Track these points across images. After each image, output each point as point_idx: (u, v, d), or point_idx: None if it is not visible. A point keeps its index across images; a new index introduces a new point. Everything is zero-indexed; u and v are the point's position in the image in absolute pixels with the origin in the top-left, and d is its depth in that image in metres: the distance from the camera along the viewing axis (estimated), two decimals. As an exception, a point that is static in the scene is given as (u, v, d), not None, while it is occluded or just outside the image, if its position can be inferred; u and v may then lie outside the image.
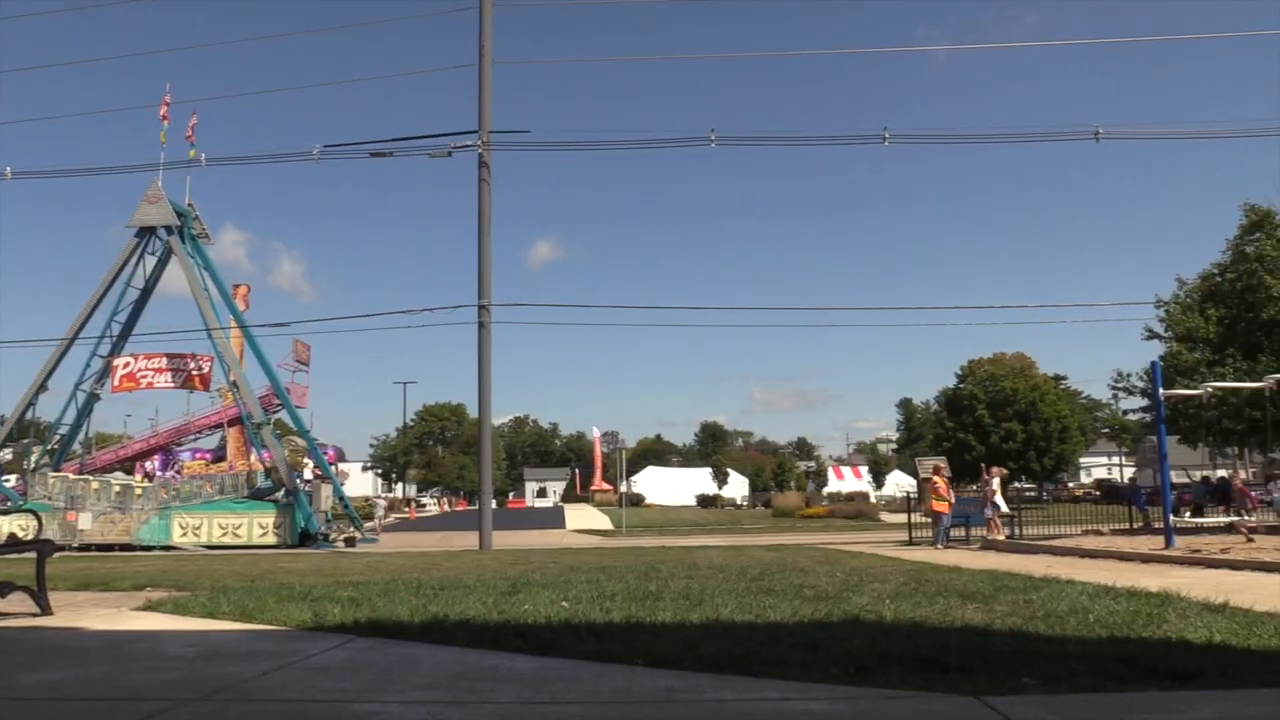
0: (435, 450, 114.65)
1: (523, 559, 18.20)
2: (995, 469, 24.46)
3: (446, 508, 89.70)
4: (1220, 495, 26.10)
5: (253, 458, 37.69)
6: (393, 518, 61.87)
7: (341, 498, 38.97)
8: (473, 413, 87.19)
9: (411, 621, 7.47)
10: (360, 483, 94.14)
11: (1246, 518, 16.21)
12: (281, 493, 34.26)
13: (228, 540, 32.40)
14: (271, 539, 32.55)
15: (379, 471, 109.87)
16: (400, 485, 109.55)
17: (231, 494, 35.18)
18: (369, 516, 45.85)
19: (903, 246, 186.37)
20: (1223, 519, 20.06)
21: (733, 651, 5.77)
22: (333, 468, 43.04)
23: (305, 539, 32.40)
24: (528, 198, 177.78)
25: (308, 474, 37.19)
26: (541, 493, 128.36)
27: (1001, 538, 21.63)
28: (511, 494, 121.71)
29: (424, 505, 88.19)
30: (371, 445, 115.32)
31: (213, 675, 5.42)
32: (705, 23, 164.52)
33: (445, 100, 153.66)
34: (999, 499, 22.78)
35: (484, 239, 27.10)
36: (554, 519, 55.89)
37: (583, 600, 9.02)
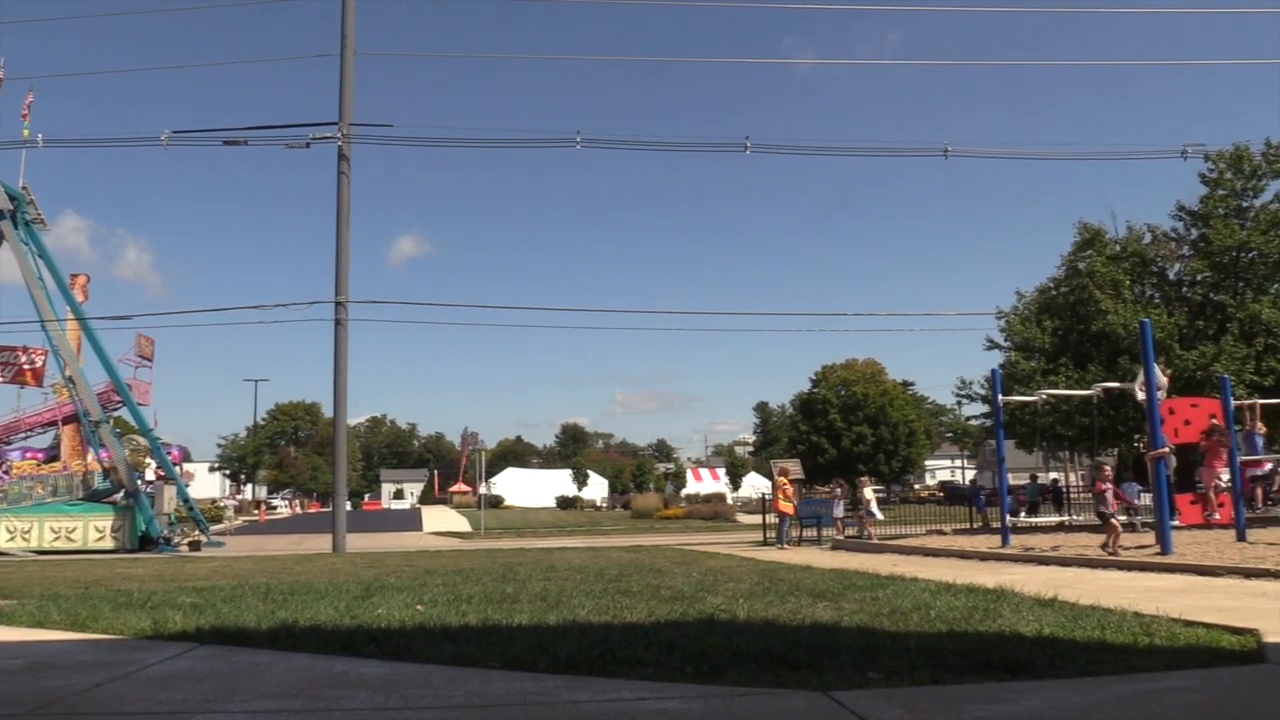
0: (288, 450, 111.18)
1: (378, 562, 17.86)
2: (865, 479, 25.43)
3: (299, 510, 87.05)
4: (1054, 496, 27.57)
5: (90, 458, 35.70)
6: (241, 520, 59.66)
7: (186, 500, 37.24)
8: (328, 412, 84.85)
9: (258, 628, 7.23)
10: (207, 484, 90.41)
11: (1122, 517, 17.08)
12: (121, 495, 32.55)
13: (61, 545, 30.56)
14: (109, 543, 30.86)
15: (227, 472, 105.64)
16: (250, 487, 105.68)
17: (66, 496, 33.24)
18: (216, 519, 44.09)
19: (762, 253, 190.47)
20: (1054, 518, 21.21)
21: (589, 652, 5.80)
22: (177, 468, 41.17)
23: (146, 543, 30.87)
24: (391, 192, 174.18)
25: (150, 475, 35.44)
26: (399, 494, 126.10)
27: (874, 538, 22.37)
28: (367, 496, 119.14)
29: (275, 507, 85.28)
30: (219, 445, 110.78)
31: (40, 689, 5.12)
32: (580, 22, 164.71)
33: (306, 90, 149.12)
34: (874, 505, 23.61)
35: (342, 234, 26.44)
36: (411, 521, 54.87)
37: (438, 603, 8.91)
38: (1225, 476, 16.17)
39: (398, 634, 6.88)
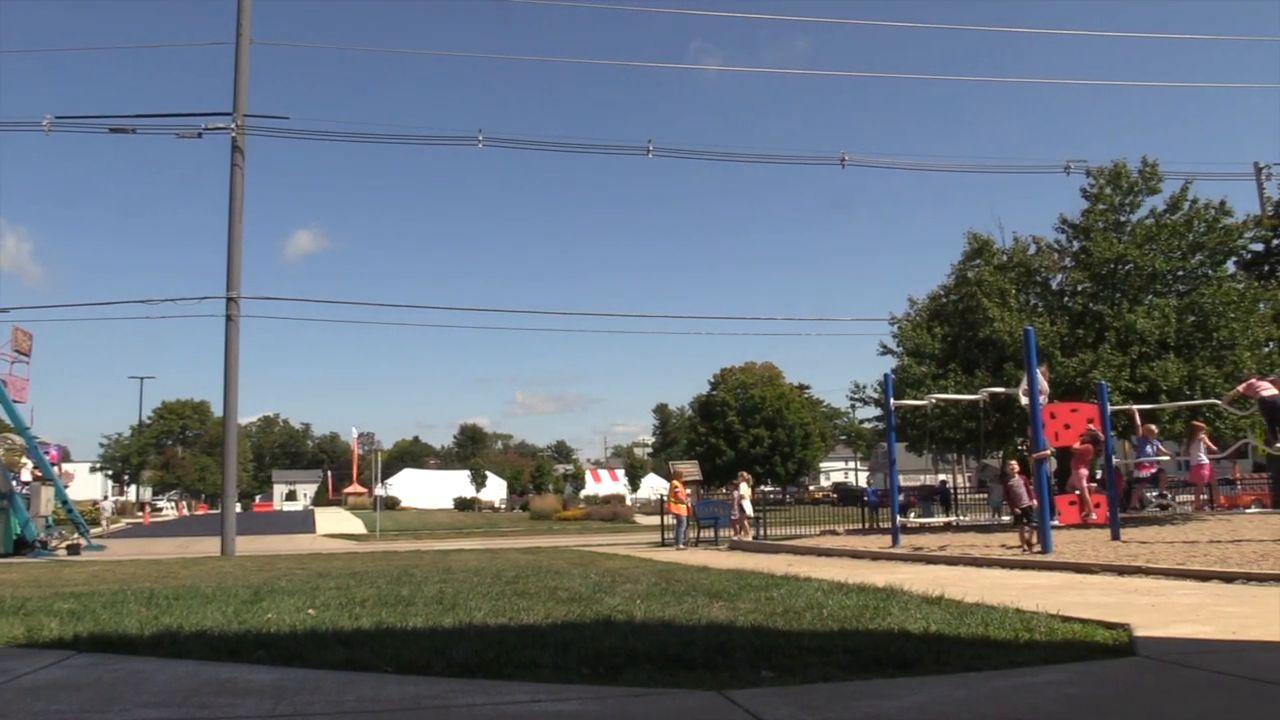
0: (175, 450, 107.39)
1: (268, 565, 17.43)
2: (741, 475, 25.71)
3: (186, 512, 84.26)
4: (943, 497, 28.35)
5: (-42, 458, 33.95)
6: (124, 523, 57.48)
7: (65, 501, 35.66)
8: (217, 411, 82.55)
9: (141, 634, 6.98)
10: (88, 485, 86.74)
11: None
12: (-7, 496, 31.04)
13: (-74, 550, 29.02)
14: (-21, 548, 29.41)
15: (110, 473, 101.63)
16: (134, 488, 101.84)
17: (-68, 498, 31.54)
18: (96, 522, 42.35)
19: (664, 255, 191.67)
20: (941, 519, 21.84)
21: (485, 655, 5.76)
22: (56, 468, 39.41)
23: (21, 547, 29.46)
24: (289, 187, 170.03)
25: (26, 475, 33.87)
26: (291, 496, 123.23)
27: (749, 538, 22.66)
28: (259, 497, 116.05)
29: (160, 509, 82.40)
30: (102, 445, 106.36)
31: (-98, 700, 4.86)
32: (489, 22, 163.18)
33: (199, 79, 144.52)
34: (746, 503, 23.88)
35: (235, 227, 25.70)
36: (304, 523, 53.64)
37: (331, 607, 8.73)
38: (1088, 478, 16.94)
39: (288, 639, 6.72)
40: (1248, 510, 21.30)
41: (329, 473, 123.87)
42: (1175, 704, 4.40)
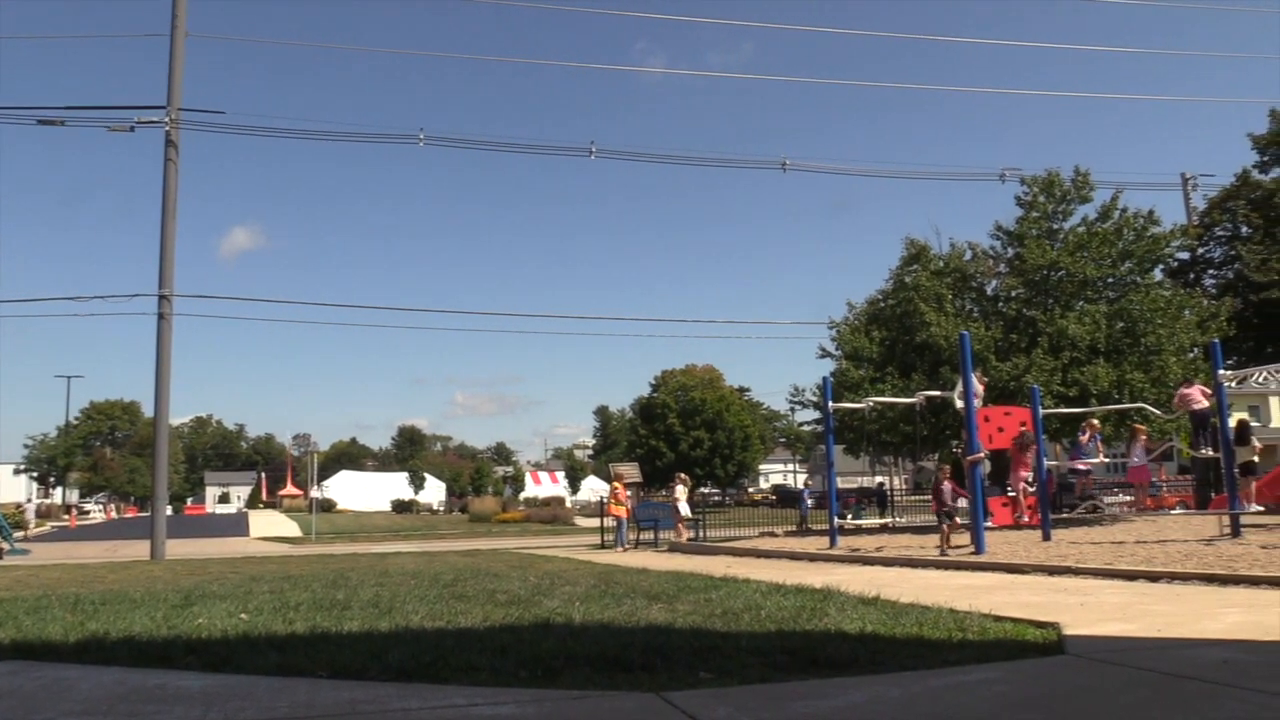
0: (103, 452, 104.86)
1: (200, 569, 17.10)
2: (678, 476, 25.82)
3: (114, 515, 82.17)
4: (879, 498, 28.72)
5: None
6: (49, 526, 55.91)
7: (-14, 505, 34.75)
8: (148, 411, 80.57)
9: (65, 641, 6.80)
10: (12, 487, 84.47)
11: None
12: (-91, 499, 30.10)
13: None
14: (-104, 552, 28.45)
15: (34, 475, 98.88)
16: (60, 490, 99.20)
17: None
18: (20, 525, 41.14)
19: (605, 257, 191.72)
20: (878, 519, 22.11)
21: (421, 659, 5.70)
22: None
23: (-62, 552, 28.61)
24: (225, 183, 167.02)
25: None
26: (224, 498, 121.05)
27: (685, 539, 22.75)
28: (190, 499, 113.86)
29: (87, 512, 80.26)
30: (27, 446, 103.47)
31: None
32: (434, 19, 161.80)
33: (133, 71, 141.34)
34: (683, 505, 23.97)
35: (168, 223, 25.17)
36: (237, 526, 52.62)
37: (264, 611, 8.59)
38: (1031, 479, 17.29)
39: (219, 644, 6.59)
40: (1173, 511, 21.89)
41: (263, 475, 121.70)
42: (1101, 700, 4.50)
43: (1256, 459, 16.63)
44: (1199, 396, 16.35)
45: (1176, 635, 6.34)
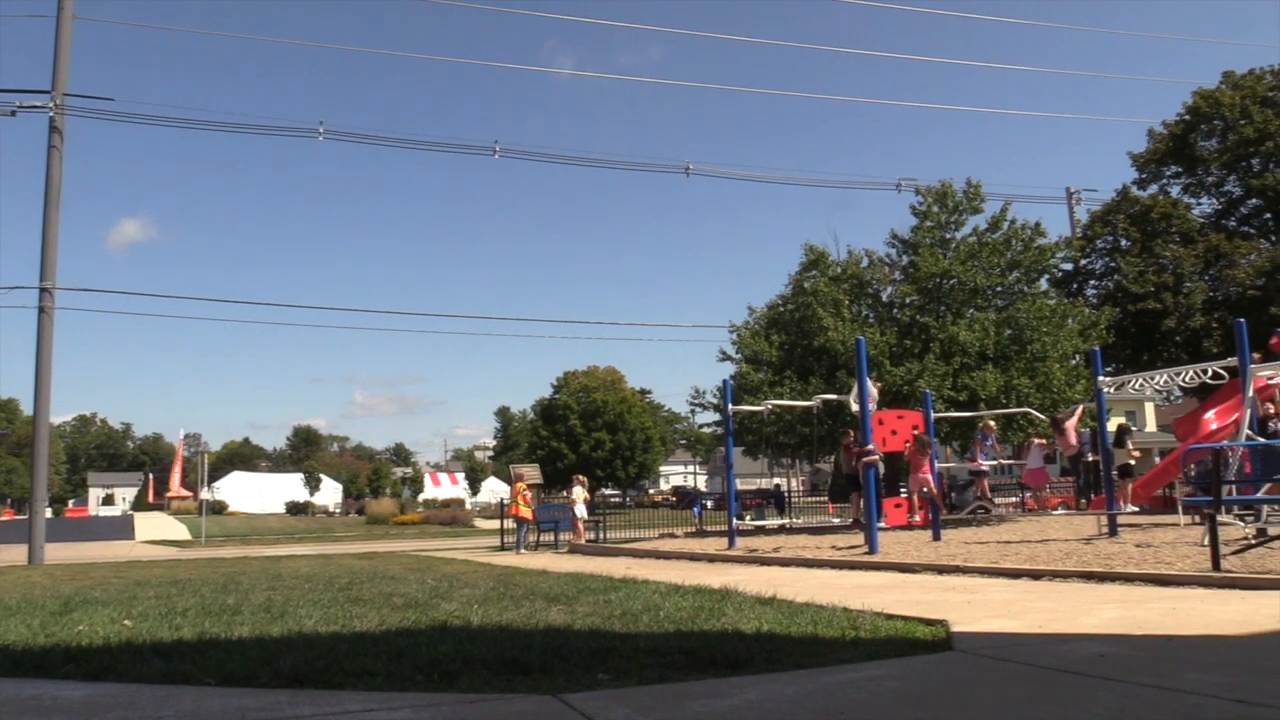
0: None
1: (82, 574, 16.44)
2: (576, 478, 25.83)
3: (-13, 518, 78.54)
4: (777, 500, 29.14)
5: None
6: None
7: None
8: (26, 409, 77.08)
9: (-68, 650, 6.47)
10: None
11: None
12: None
13: None
14: None
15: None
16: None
17: None
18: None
19: (508, 257, 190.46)
20: (776, 520, 22.45)
21: (315, 664, 5.58)
22: None
23: None
24: (114, 172, 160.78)
25: None
26: (109, 500, 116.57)
27: (584, 540, 22.76)
28: (72, 501, 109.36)
29: (-42, 515, 76.55)
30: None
31: None
32: (338, 13, 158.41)
33: (16, 51, 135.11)
34: (580, 506, 23.99)
35: (51, 213, 24.20)
36: (123, 529, 50.69)
37: (149, 617, 8.30)
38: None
39: (101, 652, 6.34)
40: (1055, 512, 22.74)
41: (151, 476, 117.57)
42: (986, 694, 4.65)
43: (1133, 462, 17.43)
44: (1073, 440, 17.22)
45: (1057, 631, 6.58)
